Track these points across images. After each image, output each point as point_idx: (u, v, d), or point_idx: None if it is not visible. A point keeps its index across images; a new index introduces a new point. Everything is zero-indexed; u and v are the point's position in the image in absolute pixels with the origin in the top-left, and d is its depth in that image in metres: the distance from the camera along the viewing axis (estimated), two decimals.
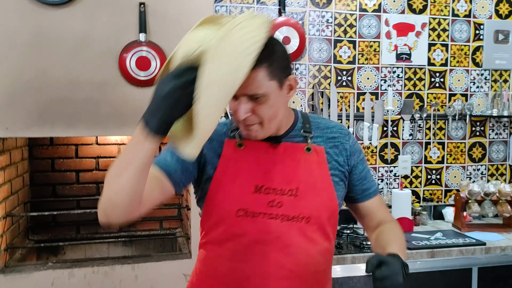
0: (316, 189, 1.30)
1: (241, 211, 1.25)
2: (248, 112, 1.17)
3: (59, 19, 1.98)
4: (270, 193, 1.26)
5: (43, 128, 1.99)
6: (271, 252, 1.25)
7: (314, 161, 1.32)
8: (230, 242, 1.27)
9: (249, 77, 1.08)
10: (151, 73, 2.04)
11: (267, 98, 1.17)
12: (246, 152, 1.29)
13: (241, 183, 1.26)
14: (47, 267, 2.05)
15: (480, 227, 2.84)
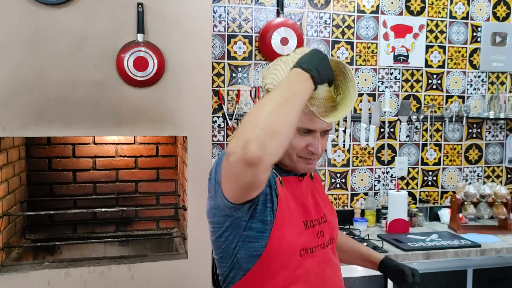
0: (331, 211, 1.42)
1: (303, 251, 1.27)
2: (323, 148, 1.27)
3: (57, 18, 1.98)
4: (314, 225, 1.31)
5: (41, 128, 1.99)
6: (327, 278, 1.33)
7: (318, 187, 1.42)
8: (294, 283, 1.25)
9: None
10: (148, 73, 2.04)
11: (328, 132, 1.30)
12: (287, 189, 1.29)
13: (296, 223, 1.27)
14: (44, 266, 2.05)
15: (476, 229, 2.85)
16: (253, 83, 2.86)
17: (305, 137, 1.24)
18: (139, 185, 2.67)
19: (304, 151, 1.25)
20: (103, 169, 2.60)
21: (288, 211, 1.26)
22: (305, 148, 1.25)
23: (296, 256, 1.25)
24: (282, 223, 1.23)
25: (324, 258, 1.33)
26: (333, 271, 1.36)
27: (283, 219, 1.24)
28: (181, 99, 2.12)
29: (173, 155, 2.70)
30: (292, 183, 1.31)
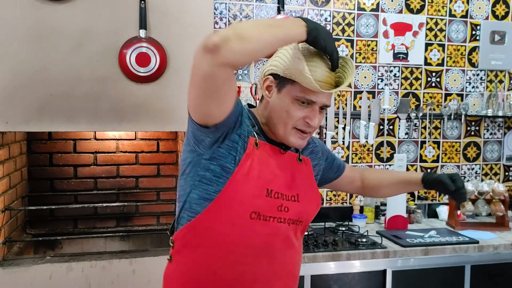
0: (310, 196, 1.42)
1: (254, 214, 1.27)
2: (320, 122, 1.32)
3: (60, 14, 1.99)
4: (279, 197, 1.30)
5: (43, 123, 2.00)
6: (276, 253, 1.32)
7: (305, 170, 1.44)
8: (239, 246, 1.27)
9: None
10: (150, 69, 2.05)
11: None
12: (261, 153, 1.31)
13: (256, 186, 1.27)
14: (45, 260, 2.06)
15: (474, 226, 2.88)
16: (253, 80, 2.87)
17: (304, 108, 1.28)
18: (140, 181, 2.68)
19: (300, 122, 1.29)
20: (104, 164, 2.61)
21: (251, 170, 1.27)
22: (302, 120, 1.29)
23: (246, 216, 1.26)
24: (241, 178, 1.25)
25: (278, 232, 1.31)
26: (287, 251, 1.35)
27: (243, 175, 1.25)
28: (183, 95, 2.13)
29: (173, 151, 2.71)
30: (270, 151, 1.33)
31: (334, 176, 1.66)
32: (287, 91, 1.27)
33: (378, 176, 1.71)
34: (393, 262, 2.44)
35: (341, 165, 1.68)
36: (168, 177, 2.72)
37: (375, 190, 1.72)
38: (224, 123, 1.22)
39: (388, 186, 1.68)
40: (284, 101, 1.28)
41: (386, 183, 1.68)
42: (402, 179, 1.66)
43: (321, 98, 1.27)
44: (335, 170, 1.65)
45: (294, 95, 1.26)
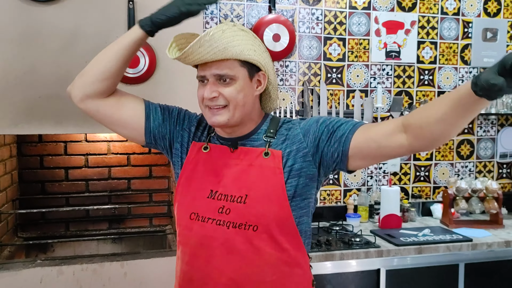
0: (267, 197, 1.27)
1: (194, 215, 1.31)
2: (215, 92, 1.25)
3: (48, 15, 1.97)
4: (222, 199, 1.29)
5: (31, 125, 1.98)
6: (214, 257, 1.28)
7: (270, 166, 1.28)
8: (183, 244, 1.35)
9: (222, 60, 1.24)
10: (139, 70, 2.03)
11: (235, 81, 1.26)
12: (209, 155, 1.36)
13: (199, 187, 1.32)
14: (36, 264, 2.04)
15: (468, 224, 2.87)
16: None
17: (203, 86, 1.29)
18: (132, 183, 2.66)
19: (205, 99, 1.28)
20: (96, 166, 2.59)
21: (193, 173, 1.34)
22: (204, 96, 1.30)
23: (186, 216, 1.32)
24: (185, 181, 1.35)
25: (215, 235, 1.27)
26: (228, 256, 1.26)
27: (186, 178, 1.35)
28: (173, 96, 2.12)
29: None
30: (220, 152, 1.35)
31: (339, 150, 1.24)
32: None
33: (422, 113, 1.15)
34: (387, 261, 2.43)
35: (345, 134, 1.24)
36: (160, 178, 2.70)
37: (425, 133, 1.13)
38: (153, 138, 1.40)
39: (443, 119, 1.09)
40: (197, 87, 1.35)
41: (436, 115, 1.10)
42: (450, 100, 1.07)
43: (207, 70, 1.26)
44: (336, 145, 1.25)
45: None
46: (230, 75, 1.25)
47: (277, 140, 1.33)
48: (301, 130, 1.31)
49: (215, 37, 1.20)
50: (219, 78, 1.25)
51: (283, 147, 1.31)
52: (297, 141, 1.30)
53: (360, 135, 1.23)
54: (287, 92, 2.91)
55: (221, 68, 1.25)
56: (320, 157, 1.28)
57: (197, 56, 1.22)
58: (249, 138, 1.35)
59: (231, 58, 1.24)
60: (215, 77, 1.26)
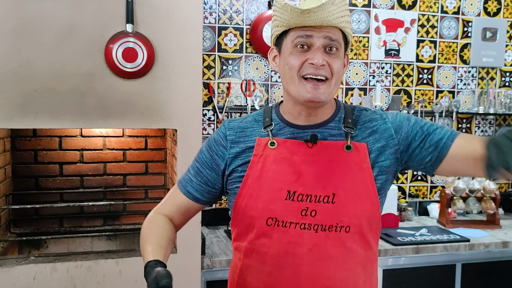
0: (357, 194, 1.17)
1: (271, 220, 1.16)
2: (324, 61, 1.12)
3: (45, 8, 1.92)
4: (304, 200, 1.16)
5: (26, 119, 1.94)
6: (303, 265, 1.15)
7: (355, 161, 1.18)
8: (260, 253, 1.19)
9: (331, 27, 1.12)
10: (138, 64, 2.00)
11: (339, 53, 1.16)
12: (279, 152, 1.20)
13: (272, 188, 1.17)
14: (29, 261, 2.01)
15: (465, 224, 2.87)
16: (244, 76, 2.82)
17: (304, 52, 1.14)
18: (128, 179, 2.63)
19: (305, 67, 1.13)
20: (91, 162, 2.56)
21: (263, 172, 1.19)
22: (305, 64, 1.14)
23: (262, 222, 1.17)
24: (253, 183, 1.19)
25: (301, 240, 1.15)
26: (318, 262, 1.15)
27: (254, 179, 1.19)
28: (171, 91, 2.09)
29: (162, 148, 2.66)
30: (292, 147, 1.20)
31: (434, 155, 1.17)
32: (285, 46, 1.17)
33: None
34: (384, 261, 2.42)
35: (443, 139, 1.17)
36: (157, 174, 2.67)
37: None
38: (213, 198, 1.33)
39: None
40: (285, 57, 1.17)
41: None
42: None
43: (317, 31, 1.12)
44: (431, 149, 1.17)
45: (290, 42, 1.15)
46: (338, 45, 1.15)
47: (360, 132, 1.21)
48: (392, 125, 1.21)
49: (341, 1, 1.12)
50: (328, 45, 1.13)
51: (370, 140, 1.20)
52: (387, 136, 1.20)
53: (461, 144, 1.16)
54: None
55: (332, 33, 1.13)
56: (408, 157, 1.21)
57: (324, 15, 1.09)
58: (326, 126, 1.22)
59: (338, 27, 1.14)
60: (325, 42, 1.13)
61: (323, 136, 1.21)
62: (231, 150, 1.24)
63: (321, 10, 1.08)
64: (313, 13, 1.08)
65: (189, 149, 2.12)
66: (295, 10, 1.09)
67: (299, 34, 1.13)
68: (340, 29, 1.15)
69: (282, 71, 1.20)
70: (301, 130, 1.22)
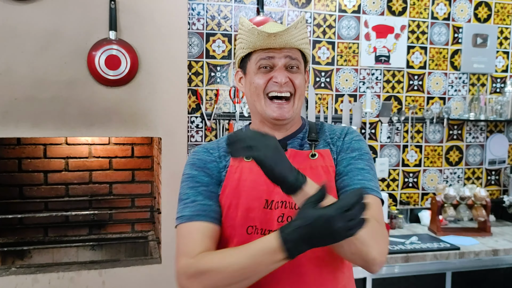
0: None
1: (251, 228, 1.18)
2: (287, 78, 1.20)
3: (26, 14, 1.90)
4: (279, 207, 1.19)
5: (7, 128, 1.90)
6: (282, 272, 1.14)
7: (320, 166, 1.25)
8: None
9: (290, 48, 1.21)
10: (121, 72, 1.97)
11: (299, 70, 1.24)
12: (253, 163, 1.14)
13: (251, 197, 1.20)
14: (10, 272, 1.97)
15: (456, 231, 2.84)
16: (232, 83, 2.80)
17: (267, 73, 1.22)
18: (114, 187, 2.59)
19: (269, 86, 1.21)
20: (76, 170, 2.52)
21: (240, 182, 1.21)
22: (270, 83, 1.21)
23: (242, 231, 1.18)
24: (231, 192, 1.21)
25: None
26: (295, 269, 1.16)
27: (232, 189, 1.21)
28: (156, 99, 2.06)
29: (149, 156, 2.63)
30: None
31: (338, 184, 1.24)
32: (249, 67, 1.25)
33: None
34: None
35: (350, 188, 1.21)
36: (143, 183, 2.63)
37: None
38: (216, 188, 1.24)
39: None
40: (250, 77, 1.25)
41: None
42: None
43: (278, 53, 1.20)
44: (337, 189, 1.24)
45: (254, 64, 1.23)
46: (298, 63, 1.23)
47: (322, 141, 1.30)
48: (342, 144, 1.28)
49: (303, 23, 1.23)
50: (289, 64, 1.22)
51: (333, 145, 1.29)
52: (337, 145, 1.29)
53: None
54: None
55: (292, 52, 1.21)
56: None
57: (287, 38, 1.18)
58: (295, 137, 1.29)
59: (299, 48, 1.23)
60: (286, 62, 1.21)
61: (293, 146, 1.28)
62: (221, 164, 1.26)
63: (286, 33, 1.19)
64: (278, 37, 1.18)
65: (174, 158, 2.09)
66: (262, 34, 1.18)
67: (261, 56, 1.22)
68: (299, 50, 1.24)
69: (249, 91, 1.26)
70: None
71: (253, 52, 1.23)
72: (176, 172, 2.08)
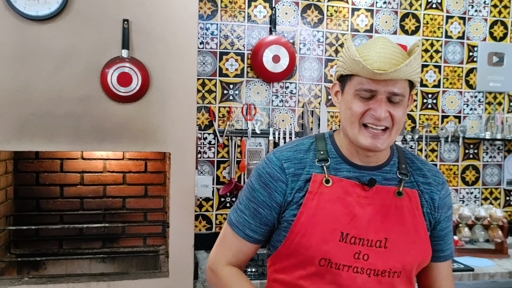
0: (409, 240, 1.18)
1: (324, 261, 1.14)
2: (387, 112, 1.11)
3: (43, 34, 1.99)
4: (357, 243, 1.14)
5: (22, 142, 1.99)
6: None
7: (406, 206, 1.20)
8: None
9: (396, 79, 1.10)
10: (132, 89, 2.03)
11: (403, 102, 1.13)
12: (333, 190, 1.17)
13: (326, 229, 1.15)
14: (22, 282, 2.02)
15: (471, 252, 2.78)
16: (244, 100, 2.84)
17: (366, 101, 1.13)
18: (127, 201, 2.65)
19: (366, 116, 1.13)
20: (91, 184, 2.59)
21: (318, 211, 1.16)
22: (367, 113, 1.13)
23: (315, 262, 1.14)
24: (306, 221, 1.16)
25: (354, 284, 1.14)
26: None
27: (308, 217, 1.16)
28: (165, 115, 2.12)
29: (161, 171, 2.68)
30: (347, 187, 1.18)
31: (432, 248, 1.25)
32: (348, 88, 1.16)
33: None
34: None
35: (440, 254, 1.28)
36: (156, 197, 2.68)
37: None
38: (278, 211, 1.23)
39: None
40: (347, 99, 1.16)
41: None
42: None
43: (382, 86, 1.10)
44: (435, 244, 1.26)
45: (353, 89, 1.14)
46: (403, 96, 1.12)
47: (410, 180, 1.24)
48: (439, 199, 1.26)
49: (419, 55, 1.11)
50: (391, 97, 1.12)
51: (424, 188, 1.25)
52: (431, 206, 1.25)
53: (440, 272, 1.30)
54: (287, 114, 2.89)
55: (398, 86, 1.11)
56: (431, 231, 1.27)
57: (396, 75, 1.08)
58: (381, 170, 1.23)
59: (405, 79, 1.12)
60: (388, 95, 1.11)
61: (378, 180, 1.20)
62: (293, 185, 1.20)
63: (395, 72, 1.07)
64: (385, 75, 1.08)
65: (182, 172, 2.14)
66: (367, 70, 1.08)
67: (363, 86, 1.12)
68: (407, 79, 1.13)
69: (343, 112, 1.19)
70: (358, 170, 1.21)
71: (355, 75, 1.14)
72: (184, 186, 2.12)
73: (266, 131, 2.84)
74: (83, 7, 2.02)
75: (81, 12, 2.02)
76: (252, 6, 2.82)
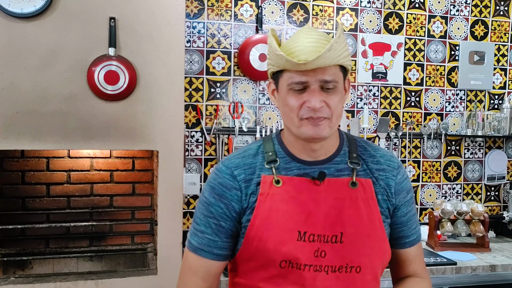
0: (364, 232, 1.15)
1: (285, 262, 1.12)
2: (322, 102, 1.09)
3: (28, 32, 1.99)
4: (316, 240, 1.12)
5: (8, 141, 1.98)
6: None
7: (360, 197, 1.17)
8: None
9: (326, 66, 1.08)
10: (119, 87, 2.04)
11: (337, 89, 1.12)
12: (285, 190, 1.15)
13: (283, 229, 1.13)
14: (9, 281, 2.02)
15: (454, 247, 2.84)
16: (231, 99, 2.86)
17: (300, 94, 1.11)
18: (114, 199, 2.64)
19: (303, 110, 1.11)
20: (78, 183, 2.58)
21: (272, 213, 1.14)
22: (303, 107, 1.11)
23: (275, 264, 1.12)
24: (261, 224, 1.14)
25: (315, 283, 1.12)
26: None
27: (263, 220, 1.14)
28: (153, 113, 2.12)
29: (149, 169, 2.69)
30: (299, 185, 1.16)
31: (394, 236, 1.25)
32: (281, 84, 1.14)
33: None
34: None
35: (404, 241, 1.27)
36: (144, 195, 2.68)
37: None
38: None
39: None
40: (282, 95, 1.14)
41: None
42: None
43: (312, 76, 1.08)
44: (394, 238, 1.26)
45: (285, 84, 1.12)
46: (335, 83, 1.11)
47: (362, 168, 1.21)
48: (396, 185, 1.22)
49: (340, 40, 1.08)
50: (324, 85, 1.10)
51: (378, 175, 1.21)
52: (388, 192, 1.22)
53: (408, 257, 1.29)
54: (274, 112, 2.92)
55: (328, 73, 1.09)
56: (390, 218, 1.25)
57: (321, 61, 1.05)
58: (332, 161, 1.20)
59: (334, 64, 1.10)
60: (320, 83, 1.09)
61: (330, 172, 1.18)
62: (246, 191, 1.18)
63: (319, 59, 1.06)
64: (309, 64, 1.06)
65: (170, 170, 2.15)
66: (290, 62, 1.07)
67: (293, 79, 1.10)
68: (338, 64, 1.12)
69: (282, 109, 1.17)
70: (308, 166, 1.19)
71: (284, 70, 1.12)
72: (172, 184, 2.14)
73: (253, 129, 2.86)
74: (69, 4, 2.02)
75: (67, 10, 2.02)
76: (239, 5, 2.84)
